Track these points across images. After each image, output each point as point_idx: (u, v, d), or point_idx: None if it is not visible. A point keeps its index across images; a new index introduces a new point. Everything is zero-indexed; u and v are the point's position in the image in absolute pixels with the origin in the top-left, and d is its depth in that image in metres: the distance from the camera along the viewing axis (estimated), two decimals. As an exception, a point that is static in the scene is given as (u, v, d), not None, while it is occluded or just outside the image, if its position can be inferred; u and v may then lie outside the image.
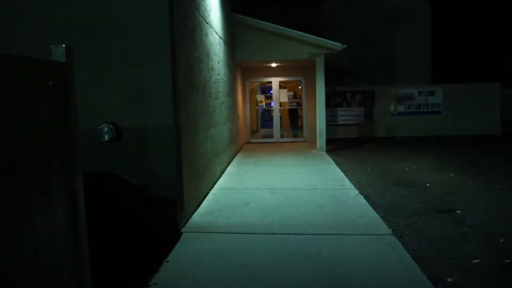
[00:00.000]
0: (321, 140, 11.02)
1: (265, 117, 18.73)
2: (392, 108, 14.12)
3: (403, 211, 5.48)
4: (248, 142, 13.64)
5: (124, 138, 4.52)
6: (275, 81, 13.52)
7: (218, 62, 7.86)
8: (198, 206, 5.67)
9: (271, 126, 13.85)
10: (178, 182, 4.63)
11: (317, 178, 7.50)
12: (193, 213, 5.28)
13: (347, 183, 7.06)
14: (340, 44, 10.35)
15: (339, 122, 14.11)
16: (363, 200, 5.87)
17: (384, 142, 13.48)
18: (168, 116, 4.49)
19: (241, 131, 12.20)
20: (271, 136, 13.85)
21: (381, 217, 5.15)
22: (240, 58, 10.94)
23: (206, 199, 6.11)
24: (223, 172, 8.11)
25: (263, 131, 17.34)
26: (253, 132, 16.03)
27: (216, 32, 7.63)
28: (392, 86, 14.35)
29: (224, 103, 8.61)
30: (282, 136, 13.86)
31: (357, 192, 6.38)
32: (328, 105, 11.67)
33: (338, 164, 9.04)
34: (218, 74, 7.82)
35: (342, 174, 7.89)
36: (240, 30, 10.83)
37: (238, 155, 10.71)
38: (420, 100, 14.05)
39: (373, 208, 5.52)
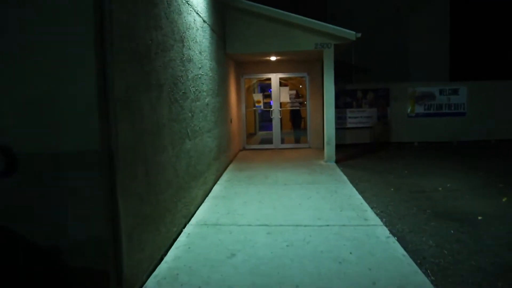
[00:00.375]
0: (329, 149, 9.20)
1: (264, 117, 16.95)
2: (409, 109, 12.28)
3: (464, 270, 3.67)
4: (244, 149, 11.82)
5: (21, 171, 2.72)
6: (274, 77, 11.69)
7: (200, 53, 6.05)
8: (161, 259, 3.87)
9: (271, 128, 12.03)
10: (112, 241, 2.83)
11: (329, 205, 5.70)
12: (147, 278, 3.48)
13: (370, 214, 5.25)
14: (354, 33, 8.52)
15: (349, 125, 12.27)
16: (399, 249, 4.06)
17: (401, 149, 11.66)
18: (92, 135, 2.68)
19: (234, 136, 10.39)
20: (270, 142, 12.03)
21: (434, 284, 3.36)
22: (233, 50, 9.12)
23: (175, 244, 4.31)
24: (207, 195, 6.31)
25: (262, 133, 15.54)
26: (251, 136, 14.24)
27: (197, 13, 5.82)
28: (410, 83, 12.51)
29: (210, 105, 6.80)
30: (282, 142, 12.05)
31: (386, 231, 4.57)
32: (335, 106, 9.87)
33: (352, 181, 7.24)
34: (200, 68, 6.01)
35: (360, 197, 6.09)
36: (232, 15, 9.01)
37: (230, 167, 8.90)
38: (442, 100, 12.21)
39: (417, 263, 3.74)
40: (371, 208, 5.58)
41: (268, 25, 9.05)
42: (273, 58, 10.62)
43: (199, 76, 5.96)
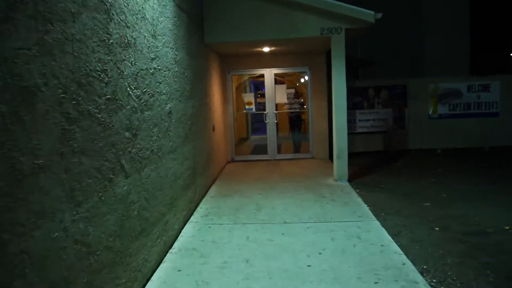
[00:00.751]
0: (340, 164, 7.16)
1: (259, 118, 14.89)
2: (430, 110, 10.27)
3: None
4: (232, 161, 9.77)
5: None
6: (269, 73, 9.65)
7: (154, 36, 4.00)
8: None
9: (265, 131, 9.94)
10: None
11: (354, 267, 3.66)
12: None
13: (425, 291, 3.22)
14: (373, 13, 6.49)
15: (359, 130, 10.25)
16: None
17: (423, 158, 9.65)
18: None
19: (219, 148, 8.35)
20: (265, 151, 9.98)
21: None
22: (213, 38, 7.05)
23: None
24: (170, 246, 4.26)
25: (255, 138, 13.48)
26: (242, 141, 12.20)
27: (145, -26, 3.75)
28: (431, 78, 10.50)
29: (175, 113, 4.75)
30: (279, 151, 10.00)
31: None
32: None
33: (377, 215, 5.23)
34: (153, 60, 3.95)
35: (397, 249, 4.06)
36: (212, -7, 6.95)
37: (212, 191, 6.84)
38: (470, 98, 10.20)
39: None
40: (421, 272, 3.56)
41: (259, 5, 6.99)
42: (266, 49, 8.56)
43: (152, 71, 3.90)
